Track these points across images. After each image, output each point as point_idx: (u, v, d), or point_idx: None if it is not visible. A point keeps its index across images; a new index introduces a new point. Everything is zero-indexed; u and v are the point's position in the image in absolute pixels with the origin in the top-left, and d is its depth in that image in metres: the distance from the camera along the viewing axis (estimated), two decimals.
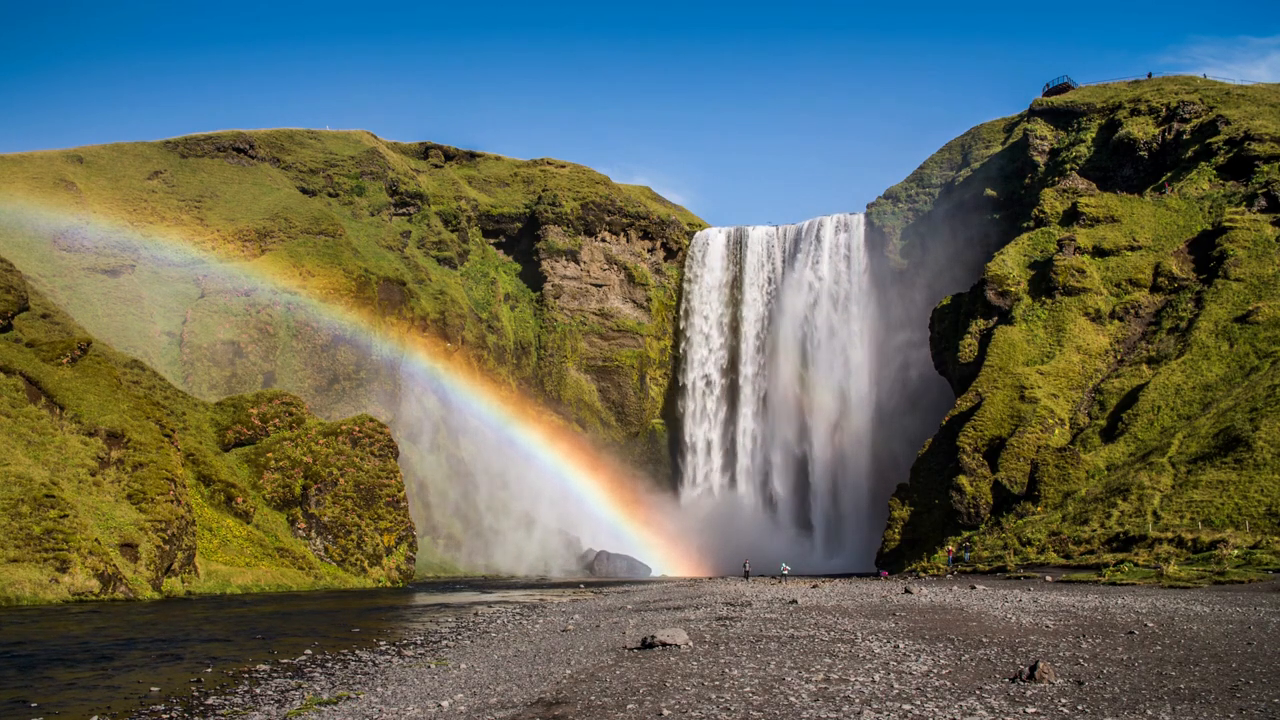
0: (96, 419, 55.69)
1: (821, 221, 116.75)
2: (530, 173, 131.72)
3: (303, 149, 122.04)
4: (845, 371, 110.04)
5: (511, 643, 26.97)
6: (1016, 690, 14.33)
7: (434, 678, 20.39)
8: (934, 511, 65.16)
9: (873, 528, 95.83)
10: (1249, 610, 24.56)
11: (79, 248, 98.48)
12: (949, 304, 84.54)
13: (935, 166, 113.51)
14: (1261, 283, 64.46)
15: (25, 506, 45.51)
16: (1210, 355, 60.81)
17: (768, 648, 20.05)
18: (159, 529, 52.38)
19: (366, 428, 77.42)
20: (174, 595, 51.12)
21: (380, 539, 73.75)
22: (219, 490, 67.72)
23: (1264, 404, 50.46)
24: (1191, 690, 14.05)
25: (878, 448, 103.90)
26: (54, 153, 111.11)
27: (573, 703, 14.98)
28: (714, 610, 31.60)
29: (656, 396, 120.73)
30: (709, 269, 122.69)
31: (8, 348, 57.41)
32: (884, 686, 14.97)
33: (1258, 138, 75.97)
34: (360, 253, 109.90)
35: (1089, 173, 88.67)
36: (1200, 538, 42.16)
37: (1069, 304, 71.40)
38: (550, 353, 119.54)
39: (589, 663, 19.66)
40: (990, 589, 37.74)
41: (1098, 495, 52.73)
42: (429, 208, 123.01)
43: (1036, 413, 62.47)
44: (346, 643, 29.25)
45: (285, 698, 19.24)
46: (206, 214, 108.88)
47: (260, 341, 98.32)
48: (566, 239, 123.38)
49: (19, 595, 41.16)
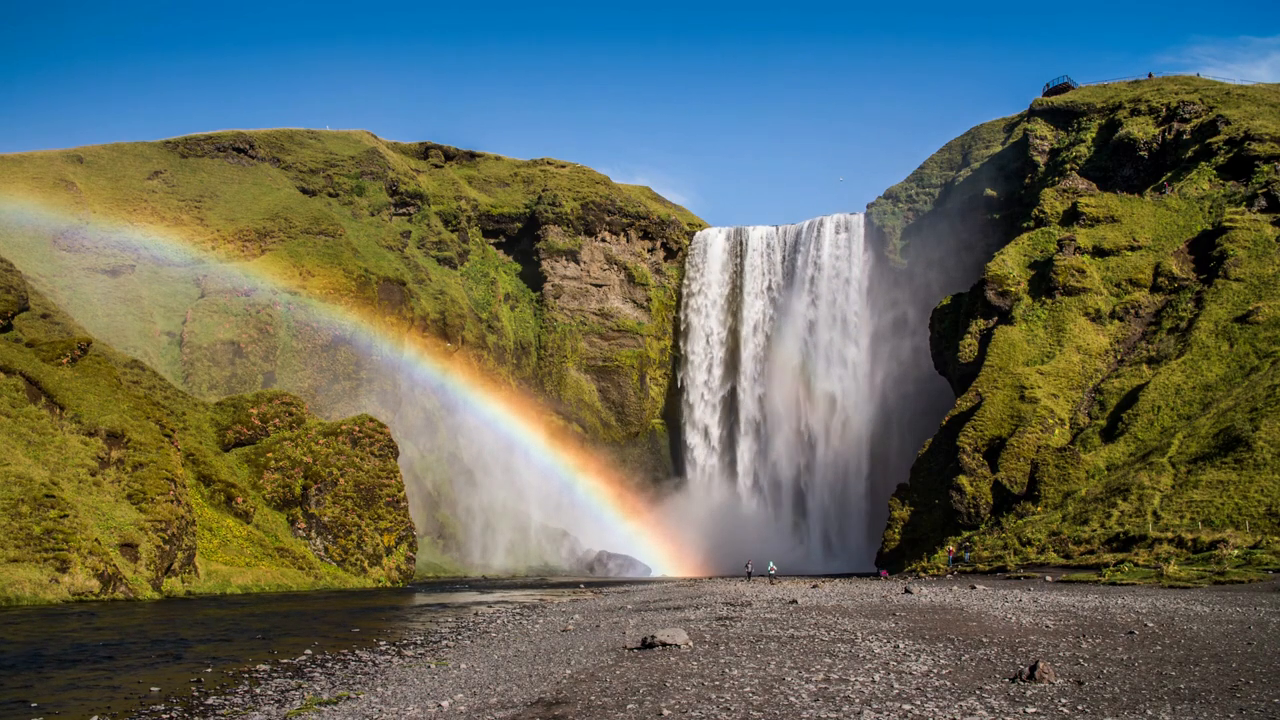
0: (96, 419, 55.69)
1: (821, 221, 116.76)
2: (530, 173, 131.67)
3: (303, 149, 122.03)
4: (845, 371, 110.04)
5: (511, 643, 26.96)
6: (1016, 690, 14.33)
7: (434, 678, 20.38)
8: (934, 511, 65.16)
9: (873, 528, 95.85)
10: (1249, 610, 24.56)
11: (79, 248, 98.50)
12: (949, 304, 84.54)
13: (935, 166, 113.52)
14: (1261, 283, 64.45)
15: (25, 506, 45.52)
16: (1210, 355, 60.79)
17: (768, 648, 20.05)
18: (159, 529, 52.38)
19: (366, 428, 77.43)
20: (174, 595, 51.13)
21: (380, 539, 73.76)
22: (219, 490, 67.72)
23: (1264, 404, 50.46)
24: (1191, 690, 14.05)
25: (878, 448, 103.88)
26: (54, 153, 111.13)
27: (573, 703, 14.98)
28: (714, 610, 31.60)
29: (656, 396, 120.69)
30: (709, 269, 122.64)
31: (8, 348, 57.42)
32: (884, 686, 14.97)
33: (1258, 138, 75.96)
34: (360, 253, 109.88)
35: (1089, 173, 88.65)
36: (1200, 538, 42.17)
37: (1069, 304, 71.40)
38: (550, 353, 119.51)
39: (589, 663, 19.66)
40: (990, 589, 37.75)
41: (1098, 495, 52.73)
42: (429, 208, 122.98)
43: (1036, 413, 62.47)
44: (346, 643, 29.25)
45: (285, 698, 19.24)
46: (206, 214, 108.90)
47: (260, 341, 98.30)
48: (566, 239, 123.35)
49: (19, 595, 41.17)
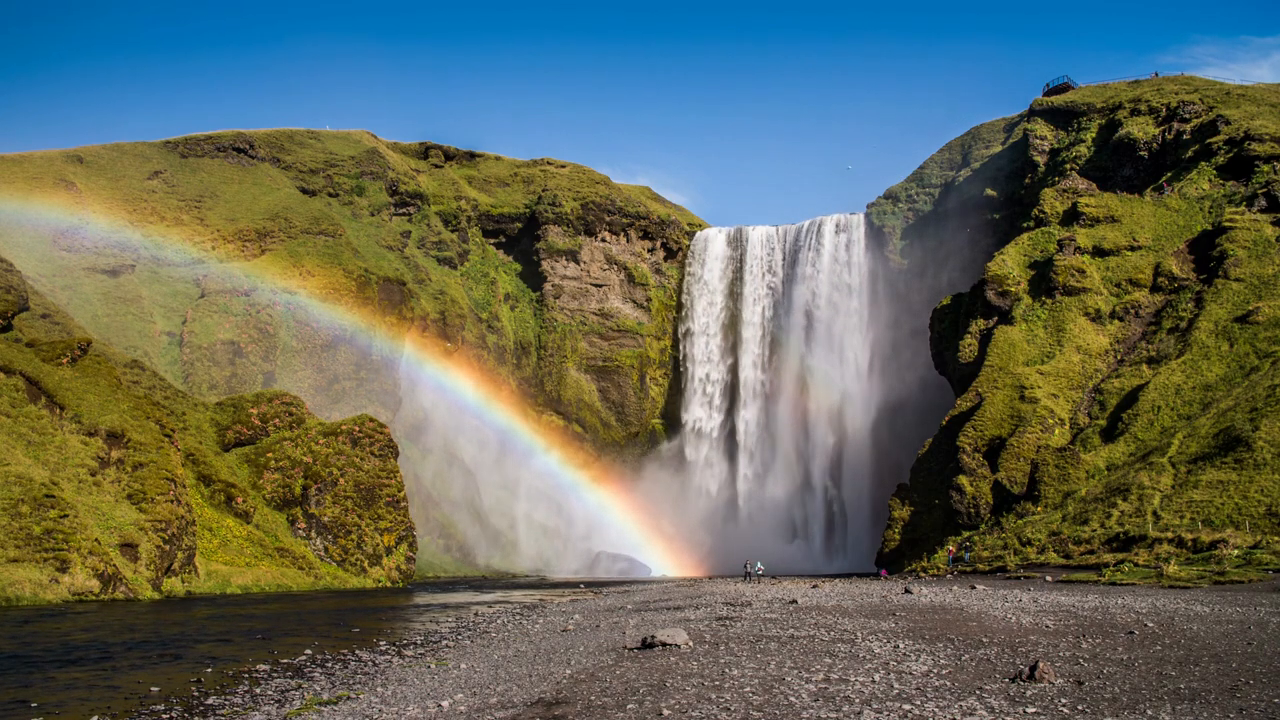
0: (96, 419, 55.68)
1: (821, 221, 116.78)
2: (530, 173, 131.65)
3: (303, 149, 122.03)
4: (845, 371, 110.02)
5: (511, 643, 26.95)
6: (1016, 690, 14.33)
7: (434, 678, 20.38)
8: (934, 511, 65.15)
9: (873, 528, 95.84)
10: (1249, 610, 24.56)
11: (79, 248, 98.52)
12: (949, 304, 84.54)
13: (935, 166, 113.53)
14: (1261, 283, 64.45)
15: (25, 506, 45.52)
16: (1210, 355, 60.78)
17: (768, 648, 20.05)
18: (159, 529, 52.38)
19: (366, 428, 77.42)
20: (174, 595, 51.13)
21: (380, 539, 73.75)
22: (219, 490, 67.71)
23: (1264, 404, 50.46)
24: (1191, 690, 14.05)
25: (878, 448, 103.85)
26: (54, 153, 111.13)
27: (573, 703, 14.98)
28: (714, 610, 31.59)
29: (656, 396, 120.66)
30: (709, 269, 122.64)
31: (8, 348, 57.41)
32: (884, 686, 14.97)
33: (1258, 138, 75.96)
34: (360, 253, 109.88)
35: (1089, 173, 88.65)
36: (1200, 538, 42.16)
37: (1069, 304, 71.39)
38: (550, 353, 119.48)
39: (589, 663, 19.65)
40: (990, 589, 37.75)
41: (1098, 495, 52.72)
42: (429, 208, 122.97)
43: (1036, 413, 62.46)
44: (346, 643, 29.24)
45: (285, 698, 19.24)
46: (206, 214, 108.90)
47: (260, 341, 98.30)
48: (566, 239, 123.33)
49: (19, 595, 41.17)
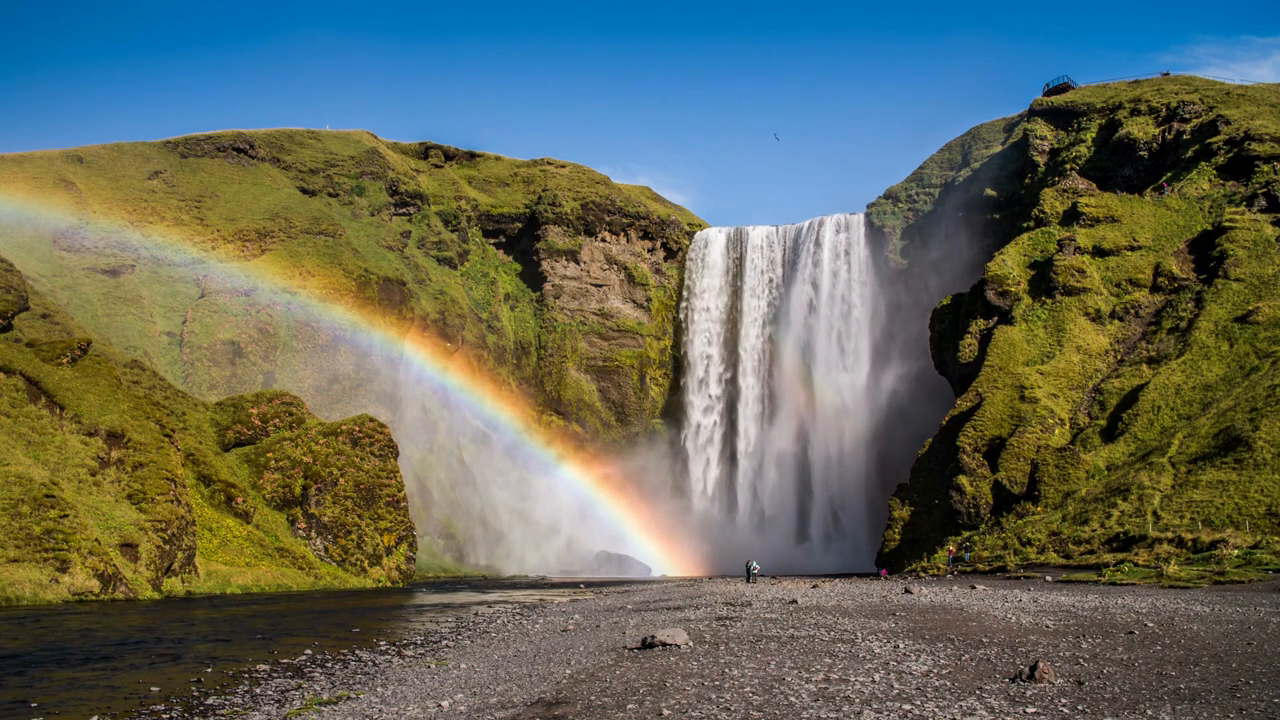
0: (96, 419, 55.68)
1: (822, 221, 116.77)
2: (530, 173, 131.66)
3: (303, 149, 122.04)
4: (845, 371, 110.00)
5: (511, 643, 26.95)
6: (1016, 690, 14.32)
7: (434, 678, 20.37)
8: (934, 511, 65.13)
9: (873, 528, 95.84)
10: (1249, 610, 24.55)
11: (79, 248, 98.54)
12: (949, 304, 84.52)
13: (935, 166, 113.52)
14: (1261, 283, 64.44)
15: (25, 506, 45.52)
16: (1210, 355, 60.77)
17: (768, 648, 20.04)
18: (159, 529, 52.38)
19: (366, 428, 77.42)
20: (174, 595, 51.13)
21: (380, 539, 73.75)
22: (219, 490, 67.71)
23: (1264, 404, 50.44)
24: (1191, 690, 14.05)
25: (878, 448, 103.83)
26: (54, 153, 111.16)
27: (573, 703, 14.97)
28: (714, 610, 31.58)
29: (656, 396, 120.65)
30: (709, 269, 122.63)
31: (8, 348, 57.41)
32: (884, 686, 14.96)
33: (1258, 138, 75.95)
34: (360, 253, 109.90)
35: (1089, 173, 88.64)
36: (1200, 538, 42.14)
37: (1069, 304, 71.38)
38: (550, 353, 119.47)
39: (589, 663, 19.65)
40: (990, 589, 37.74)
41: (1098, 495, 52.71)
42: (429, 208, 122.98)
43: (1036, 413, 62.45)
44: (346, 643, 29.24)
45: (285, 698, 19.23)
46: (206, 214, 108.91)
47: (260, 341, 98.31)
48: (566, 239, 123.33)
49: (19, 595, 41.17)
